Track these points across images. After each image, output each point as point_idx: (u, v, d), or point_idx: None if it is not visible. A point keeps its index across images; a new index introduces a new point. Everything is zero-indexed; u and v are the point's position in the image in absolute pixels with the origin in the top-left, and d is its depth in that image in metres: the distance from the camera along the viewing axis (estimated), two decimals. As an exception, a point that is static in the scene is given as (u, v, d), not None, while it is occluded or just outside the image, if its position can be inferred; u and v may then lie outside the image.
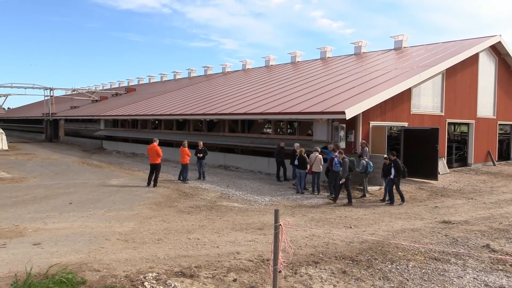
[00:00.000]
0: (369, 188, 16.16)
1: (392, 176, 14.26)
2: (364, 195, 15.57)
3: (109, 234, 9.71)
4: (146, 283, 6.57)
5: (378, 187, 16.76)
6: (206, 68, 51.20)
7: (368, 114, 18.25)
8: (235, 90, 30.93)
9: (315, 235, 9.96)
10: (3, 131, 37.00)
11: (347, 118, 16.53)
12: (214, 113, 24.64)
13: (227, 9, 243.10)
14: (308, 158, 16.07)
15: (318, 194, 15.62)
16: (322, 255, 8.45)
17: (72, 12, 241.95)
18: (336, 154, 15.20)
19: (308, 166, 15.99)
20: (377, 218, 12.07)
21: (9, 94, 50.76)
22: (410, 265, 7.91)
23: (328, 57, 35.43)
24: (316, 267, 7.74)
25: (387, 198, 14.56)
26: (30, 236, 9.38)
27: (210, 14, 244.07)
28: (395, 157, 14.51)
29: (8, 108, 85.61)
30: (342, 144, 17.55)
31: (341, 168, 15.04)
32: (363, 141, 17.46)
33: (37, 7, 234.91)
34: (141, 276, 6.85)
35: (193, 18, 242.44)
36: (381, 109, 18.96)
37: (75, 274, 6.64)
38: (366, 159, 15.78)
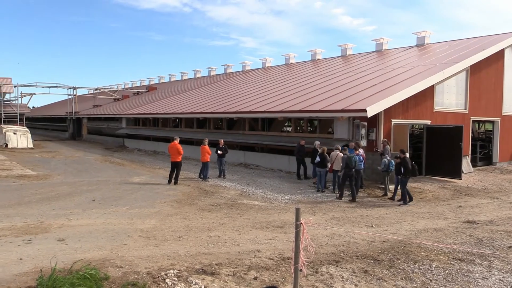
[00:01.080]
0: (391, 187, 15.94)
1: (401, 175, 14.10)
2: (385, 194, 15.39)
3: (131, 231, 9.82)
4: (167, 280, 6.63)
5: (400, 186, 16.52)
6: (226, 67, 51.37)
7: (389, 112, 18.02)
8: (255, 88, 30.94)
9: (336, 234, 9.88)
10: (28, 130, 37.83)
11: (368, 116, 16.36)
12: (234, 111, 24.70)
13: (247, 8, 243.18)
14: (329, 156, 15.97)
15: (338, 193, 15.49)
16: (343, 254, 8.39)
17: (95, 13, 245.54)
18: (358, 152, 15.07)
19: (329, 165, 15.89)
20: (399, 217, 11.91)
21: (34, 93, 51.82)
22: (433, 266, 7.78)
23: (349, 55, 35.13)
24: (337, 266, 7.68)
25: (397, 197, 14.39)
26: (55, 232, 9.56)
27: (230, 12, 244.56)
28: (404, 156, 14.26)
29: (33, 107, 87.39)
30: (363, 142, 17.40)
31: (362, 167, 14.96)
32: (385, 139, 17.24)
33: (61, 8, 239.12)
34: (163, 273, 6.90)
35: (213, 17, 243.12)
36: (403, 107, 18.69)
37: (98, 270, 6.73)
38: (388, 158, 15.58)
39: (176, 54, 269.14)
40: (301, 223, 6.11)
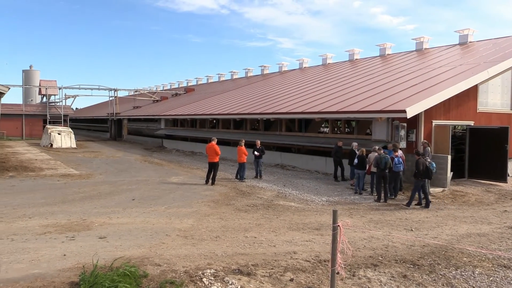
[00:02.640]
0: (432, 189, 15.52)
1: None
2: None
3: (169, 230, 9.99)
4: (204, 279, 6.70)
5: (441, 189, 16.06)
6: (263, 68, 51.49)
7: (430, 113, 17.54)
8: (292, 89, 30.85)
9: (374, 237, 9.71)
10: (71, 130, 39.20)
11: (408, 117, 15.98)
12: (271, 112, 24.71)
13: (284, 8, 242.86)
14: (367, 158, 15.72)
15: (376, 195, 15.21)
16: (381, 257, 8.22)
17: (136, 16, 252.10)
18: (397, 153, 14.75)
19: (367, 166, 15.64)
20: (440, 221, 11.57)
21: (77, 95, 53.64)
22: (477, 272, 7.51)
23: (388, 54, 34.45)
24: (375, 270, 7.54)
25: (423, 202, 13.92)
26: (96, 230, 9.85)
27: (267, 13, 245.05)
28: (419, 157, 13.78)
29: (76, 108, 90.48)
30: (403, 144, 17.01)
31: (401, 169, 14.63)
32: (425, 140, 16.78)
33: (104, 13, 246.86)
34: (200, 272, 6.98)
35: (251, 18, 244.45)
36: (445, 107, 18.15)
37: (138, 268, 6.88)
38: (429, 160, 15.15)
39: (213, 56, 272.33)
40: (339, 225, 6.04)
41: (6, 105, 49.05)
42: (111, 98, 53.90)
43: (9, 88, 21.46)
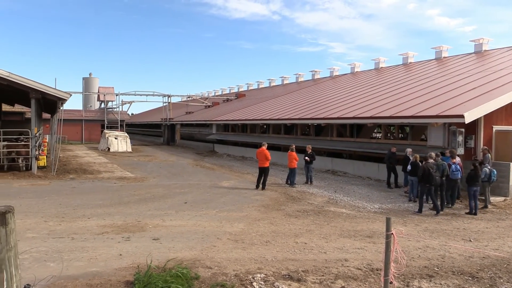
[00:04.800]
0: (492, 198, 14.77)
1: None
2: (485, 206, 14.25)
3: (220, 233, 10.11)
4: (254, 283, 6.72)
5: (503, 198, 15.24)
6: (313, 73, 51.17)
7: (490, 118, 16.72)
8: (343, 94, 30.44)
9: (429, 247, 9.34)
10: (127, 135, 40.72)
11: (466, 122, 15.31)
12: (322, 117, 24.49)
13: (336, 13, 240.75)
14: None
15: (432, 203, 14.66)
16: (437, 268, 7.90)
17: (189, 24, 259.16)
18: (454, 160, 14.17)
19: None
20: (502, 232, 10.96)
21: (133, 101, 55.69)
22: (543, 287, 7.04)
23: (444, 57, 33.19)
24: (430, 280, 7.26)
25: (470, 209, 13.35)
26: (150, 232, 10.14)
27: (318, 18, 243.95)
28: (423, 162, 13.62)
29: (132, 113, 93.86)
30: (460, 150, 16.31)
31: (459, 176, 14.04)
32: (485, 147, 16.00)
33: (159, 21, 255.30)
34: (250, 276, 7.01)
35: (302, 23, 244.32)
36: (507, 112, 17.24)
37: (190, 270, 7.01)
38: (489, 167, 14.43)
39: (264, 61, 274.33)
40: (392, 233, 5.88)
41: (68, 110, 51.75)
42: (164, 104, 55.48)
43: (71, 95, 22.61)
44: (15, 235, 3.24)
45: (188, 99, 58.79)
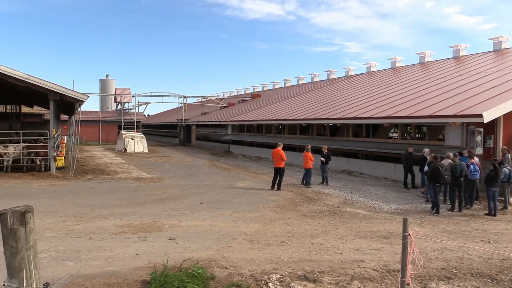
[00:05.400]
0: (512, 199, 14.49)
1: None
2: (505, 207, 14.00)
3: (236, 233, 10.13)
4: (270, 284, 6.71)
5: (523, 199, 14.93)
6: (329, 73, 50.96)
7: (510, 117, 16.43)
8: (359, 94, 30.24)
9: (447, 248, 9.22)
10: (144, 136, 41.07)
11: (485, 122, 15.08)
12: (337, 118, 24.37)
13: (352, 12, 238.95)
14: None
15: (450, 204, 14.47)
16: (456, 270, 7.79)
17: (205, 25, 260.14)
18: (472, 160, 13.97)
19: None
20: (522, 233, 10.76)
21: (149, 102, 56.13)
22: None
23: (462, 56, 32.73)
24: (448, 282, 7.16)
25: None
26: (166, 232, 10.21)
27: (334, 18, 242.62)
28: (435, 161, 13.61)
29: (148, 114, 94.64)
30: (479, 150, 16.05)
31: (478, 177, 13.83)
32: (505, 147, 15.72)
33: (174, 23, 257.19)
34: (265, 277, 7.01)
35: (317, 23, 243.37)
36: (527, 111, 16.91)
37: (205, 270, 7.04)
38: (509, 167, 14.17)
39: (279, 62, 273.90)
40: (409, 234, 5.82)
41: (85, 112, 52.37)
42: (180, 105, 55.83)
43: (88, 97, 22.93)
44: (34, 234, 3.29)
45: (204, 100, 59.11)
